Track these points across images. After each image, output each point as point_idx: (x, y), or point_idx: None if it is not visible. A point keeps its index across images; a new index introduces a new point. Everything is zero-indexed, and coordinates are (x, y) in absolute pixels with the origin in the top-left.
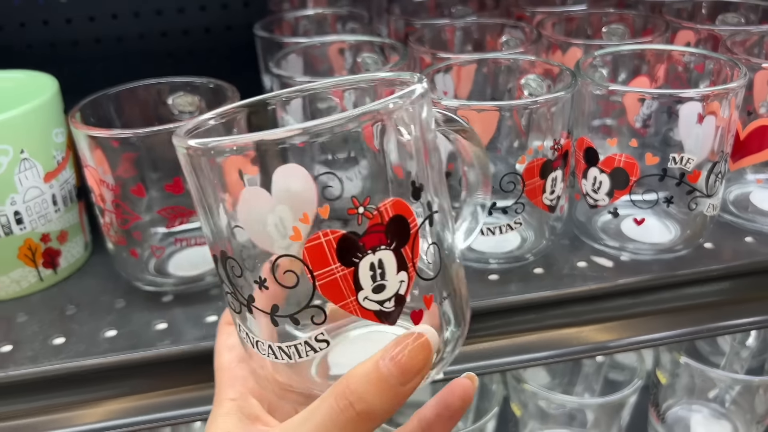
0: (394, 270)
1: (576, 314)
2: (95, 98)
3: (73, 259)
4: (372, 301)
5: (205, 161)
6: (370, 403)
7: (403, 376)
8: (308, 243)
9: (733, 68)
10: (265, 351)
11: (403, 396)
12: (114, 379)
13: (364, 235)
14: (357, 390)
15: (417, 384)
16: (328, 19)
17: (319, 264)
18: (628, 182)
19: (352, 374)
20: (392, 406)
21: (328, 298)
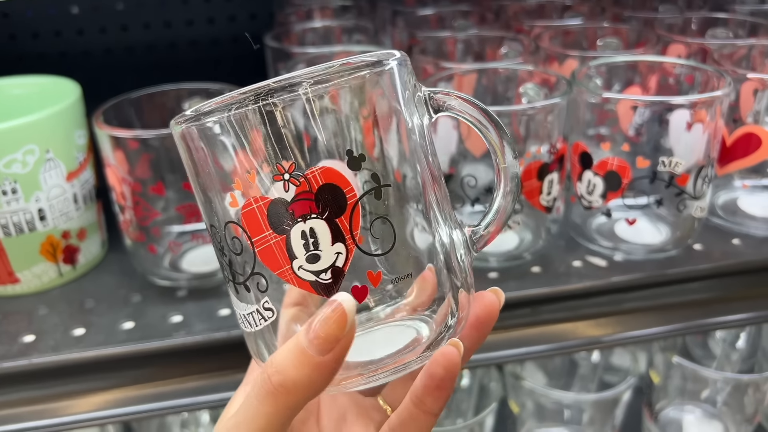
0: (329, 240)
1: (571, 309)
2: (117, 102)
3: (91, 256)
4: (307, 271)
5: (194, 133)
6: (286, 374)
7: (318, 345)
8: (244, 209)
9: (720, 79)
10: (239, 320)
11: (324, 368)
12: (131, 368)
13: (292, 202)
14: (276, 362)
15: (339, 355)
16: (334, 31)
17: (255, 230)
18: (620, 185)
19: (279, 349)
20: (312, 379)
21: (267, 265)
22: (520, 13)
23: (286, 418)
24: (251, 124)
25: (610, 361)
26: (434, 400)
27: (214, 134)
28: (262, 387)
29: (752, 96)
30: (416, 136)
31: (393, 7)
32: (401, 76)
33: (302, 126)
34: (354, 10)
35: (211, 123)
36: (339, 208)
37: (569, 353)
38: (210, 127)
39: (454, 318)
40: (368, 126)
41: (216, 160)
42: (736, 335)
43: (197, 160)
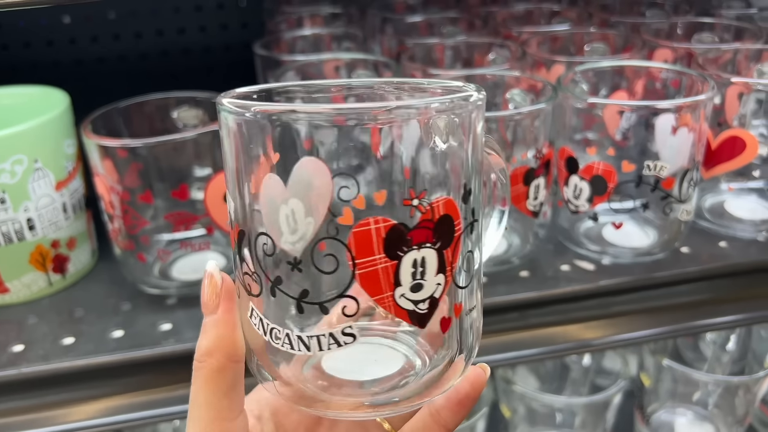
0: (434, 270)
1: (560, 313)
2: (106, 111)
3: (81, 265)
4: (408, 300)
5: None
6: (200, 348)
7: (207, 309)
8: (357, 228)
9: (704, 83)
10: (280, 339)
11: (221, 321)
12: (121, 376)
13: (414, 228)
14: (196, 347)
15: (225, 307)
16: (324, 39)
17: (364, 252)
18: (606, 189)
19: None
20: (218, 335)
21: (365, 289)
22: (509, 20)
23: (221, 381)
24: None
25: (602, 365)
26: (452, 414)
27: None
28: (193, 371)
29: (737, 99)
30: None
31: (382, 15)
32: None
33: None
34: (344, 18)
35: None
36: (449, 240)
37: (559, 357)
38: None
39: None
40: (467, 159)
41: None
42: (726, 337)
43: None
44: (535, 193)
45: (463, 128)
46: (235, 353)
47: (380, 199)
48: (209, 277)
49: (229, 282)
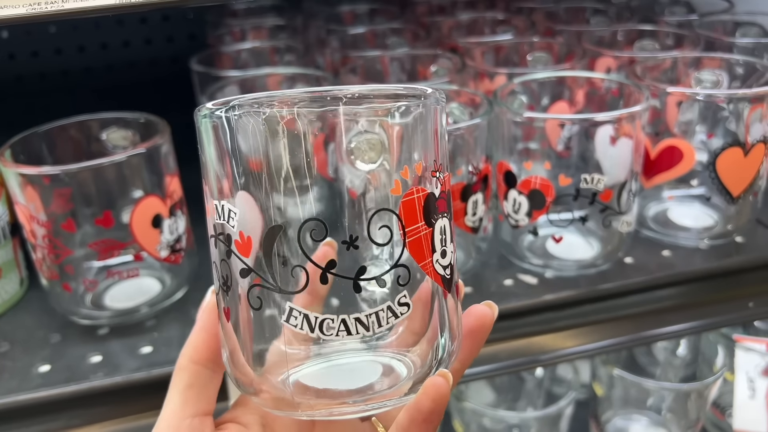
0: (451, 238)
1: (506, 329)
2: (25, 136)
3: (8, 295)
4: (440, 266)
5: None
6: (181, 353)
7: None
8: (405, 197)
9: (640, 93)
10: (334, 328)
11: (192, 332)
12: (47, 414)
13: (439, 198)
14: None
15: (200, 317)
16: (266, 52)
17: (411, 220)
18: (544, 203)
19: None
20: (186, 341)
21: (414, 256)
22: (454, 30)
23: (179, 381)
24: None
25: (556, 373)
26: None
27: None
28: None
29: (676, 107)
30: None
31: (327, 26)
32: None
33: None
34: (288, 30)
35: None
36: (451, 212)
37: (507, 373)
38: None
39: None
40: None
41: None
42: (677, 343)
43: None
44: (474, 208)
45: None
46: (195, 354)
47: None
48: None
49: (210, 299)
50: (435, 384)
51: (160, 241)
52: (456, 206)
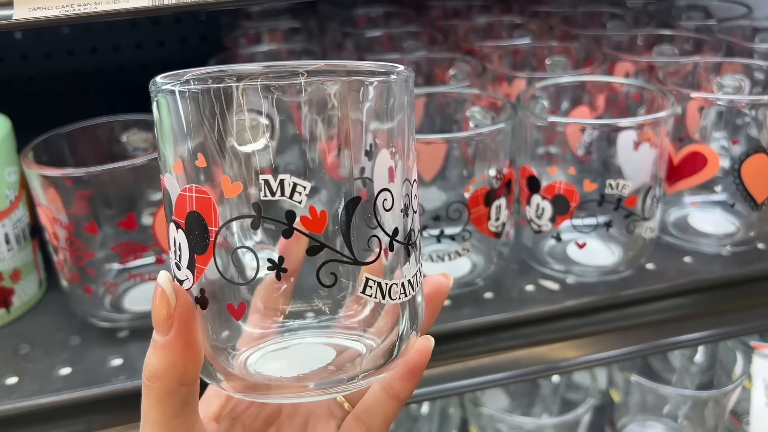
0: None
1: (526, 336)
2: (48, 138)
3: (27, 297)
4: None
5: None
6: (150, 366)
7: (159, 328)
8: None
9: (663, 98)
10: (397, 291)
11: (174, 345)
12: (69, 417)
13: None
14: (145, 361)
15: (180, 330)
16: (282, 55)
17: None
18: (568, 208)
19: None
20: (171, 360)
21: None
22: (470, 33)
23: (172, 403)
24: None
25: (572, 380)
26: (404, 384)
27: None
28: (143, 387)
29: (698, 113)
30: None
31: (343, 29)
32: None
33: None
34: (304, 33)
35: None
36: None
37: (526, 380)
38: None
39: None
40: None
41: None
42: (694, 350)
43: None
44: (497, 214)
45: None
46: (185, 377)
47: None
48: (160, 293)
49: (185, 300)
50: (423, 342)
51: None
52: (480, 211)
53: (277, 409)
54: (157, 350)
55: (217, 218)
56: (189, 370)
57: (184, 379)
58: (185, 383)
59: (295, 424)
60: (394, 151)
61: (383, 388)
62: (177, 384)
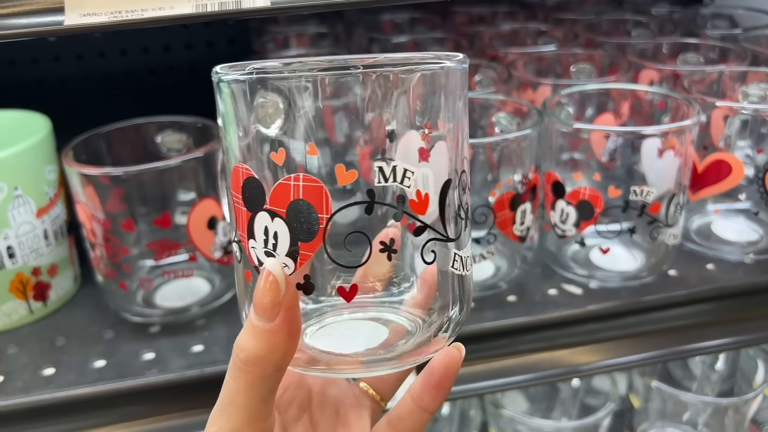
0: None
1: (548, 339)
2: (87, 137)
3: (63, 291)
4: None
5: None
6: (248, 350)
7: (264, 314)
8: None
9: (689, 107)
10: (468, 264)
11: (278, 332)
12: (103, 408)
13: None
14: (238, 341)
15: (286, 316)
16: None
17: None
18: (593, 214)
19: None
20: (271, 346)
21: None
22: (495, 39)
23: (264, 389)
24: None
25: (591, 385)
26: (432, 398)
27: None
28: (234, 366)
29: (722, 121)
30: None
31: (369, 35)
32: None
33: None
34: (330, 38)
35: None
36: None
37: (548, 383)
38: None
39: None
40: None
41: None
42: (715, 357)
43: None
44: (522, 218)
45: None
46: (281, 364)
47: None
48: (270, 280)
49: (293, 288)
50: (448, 353)
51: (215, 243)
52: (505, 215)
53: (308, 397)
54: (258, 336)
55: (329, 205)
56: (287, 357)
57: (280, 366)
58: (280, 369)
59: (326, 414)
60: (458, 136)
61: (414, 400)
62: (273, 370)
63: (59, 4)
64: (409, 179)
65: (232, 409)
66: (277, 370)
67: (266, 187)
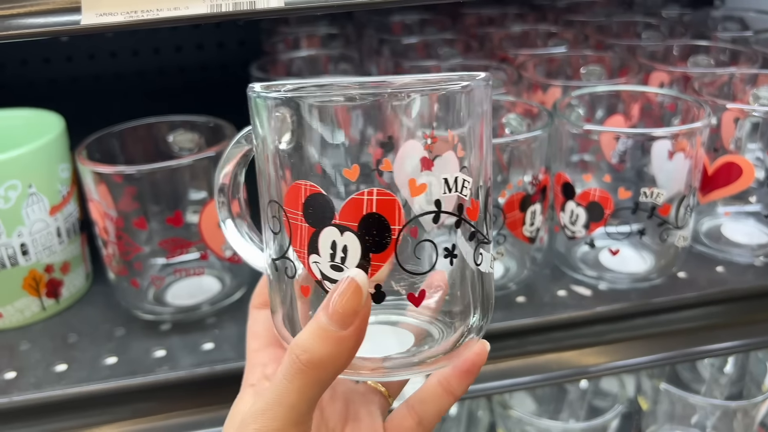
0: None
1: (557, 340)
2: (100, 136)
3: (75, 289)
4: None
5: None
6: (313, 352)
7: (338, 320)
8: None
9: (699, 109)
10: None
11: (347, 341)
12: (114, 404)
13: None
14: (301, 342)
15: (359, 327)
16: (320, 60)
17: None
18: (603, 215)
19: (301, 331)
20: (340, 352)
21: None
22: (505, 41)
23: (316, 392)
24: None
25: (599, 387)
26: (460, 382)
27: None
28: (291, 366)
29: (733, 124)
30: None
31: (379, 36)
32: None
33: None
34: (341, 38)
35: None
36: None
37: (556, 384)
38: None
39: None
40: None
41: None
42: (724, 360)
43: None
44: (532, 219)
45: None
46: (341, 371)
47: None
48: (354, 289)
49: (369, 300)
50: (482, 343)
51: (226, 242)
52: (515, 216)
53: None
54: (328, 341)
55: (401, 217)
56: (346, 365)
57: (338, 372)
58: (336, 375)
59: (337, 408)
60: (488, 144)
61: (440, 383)
62: (332, 375)
63: (76, 3)
64: (465, 188)
65: (280, 409)
66: (335, 376)
67: (335, 203)
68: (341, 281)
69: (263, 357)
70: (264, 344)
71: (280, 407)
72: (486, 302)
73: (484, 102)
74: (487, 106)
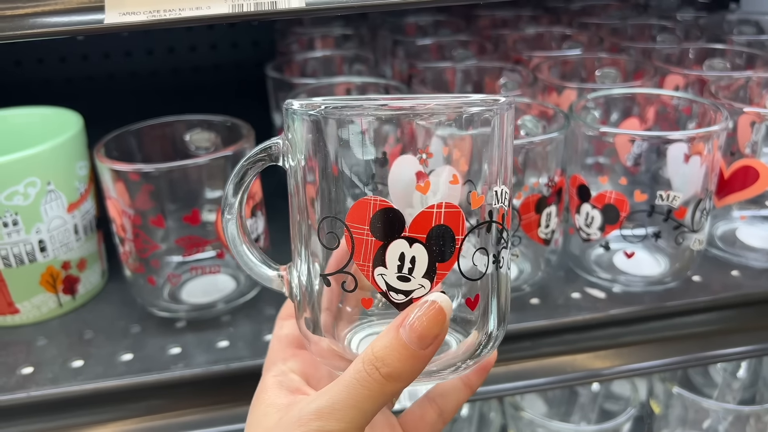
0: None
1: (570, 342)
2: (118, 134)
3: (91, 286)
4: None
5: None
6: (393, 367)
7: (420, 341)
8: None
9: (716, 112)
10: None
11: (424, 358)
12: (130, 401)
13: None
14: (381, 356)
15: (435, 348)
16: (335, 61)
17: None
18: (618, 218)
19: (377, 342)
20: (415, 368)
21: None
22: (519, 43)
23: (386, 402)
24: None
25: (611, 390)
26: (478, 377)
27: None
28: (368, 376)
29: (749, 128)
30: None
31: (393, 37)
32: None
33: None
34: (355, 39)
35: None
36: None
37: (569, 386)
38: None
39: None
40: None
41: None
42: (737, 365)
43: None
44: (547, 221)
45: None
46: (409, 385)
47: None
48: (439, 314)
49: (448, 323)
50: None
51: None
52: (530, 218)
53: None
54: (409, 358)
55: (464, 227)
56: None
57: (408, 385)
58: (406, 387)
59: None
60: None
61: (461, 378)
62: (404, 388)
63: (99, 2)
64: (506, 198)
65: (352, 412)
66: (405, 388)
67: (404, 216)
68: (424, 302)
69: (283, 353)
70: (285, 344)
71: (354, 410)
72: (507, 306)
73: (509, 123)
74: (512, 127)
